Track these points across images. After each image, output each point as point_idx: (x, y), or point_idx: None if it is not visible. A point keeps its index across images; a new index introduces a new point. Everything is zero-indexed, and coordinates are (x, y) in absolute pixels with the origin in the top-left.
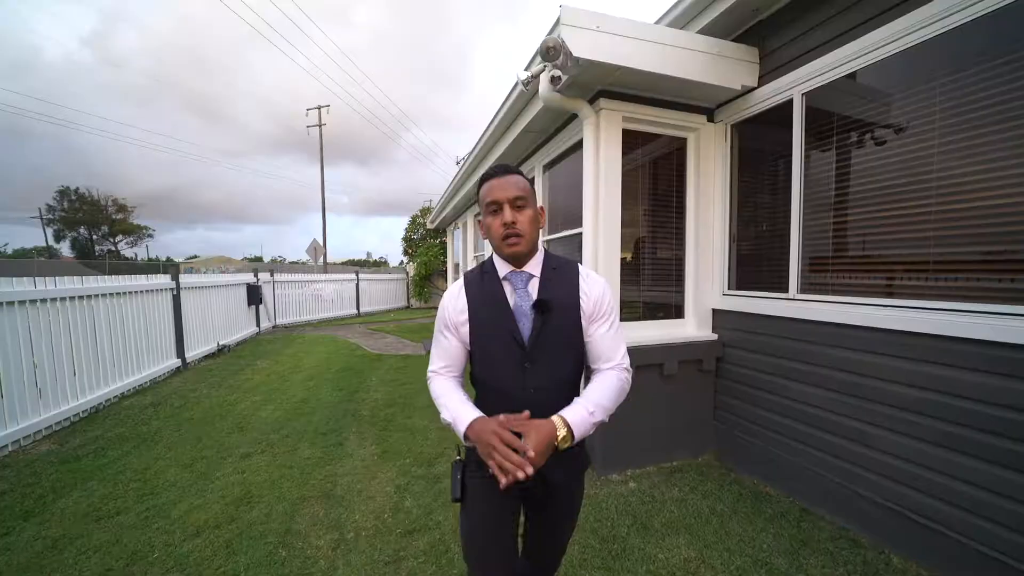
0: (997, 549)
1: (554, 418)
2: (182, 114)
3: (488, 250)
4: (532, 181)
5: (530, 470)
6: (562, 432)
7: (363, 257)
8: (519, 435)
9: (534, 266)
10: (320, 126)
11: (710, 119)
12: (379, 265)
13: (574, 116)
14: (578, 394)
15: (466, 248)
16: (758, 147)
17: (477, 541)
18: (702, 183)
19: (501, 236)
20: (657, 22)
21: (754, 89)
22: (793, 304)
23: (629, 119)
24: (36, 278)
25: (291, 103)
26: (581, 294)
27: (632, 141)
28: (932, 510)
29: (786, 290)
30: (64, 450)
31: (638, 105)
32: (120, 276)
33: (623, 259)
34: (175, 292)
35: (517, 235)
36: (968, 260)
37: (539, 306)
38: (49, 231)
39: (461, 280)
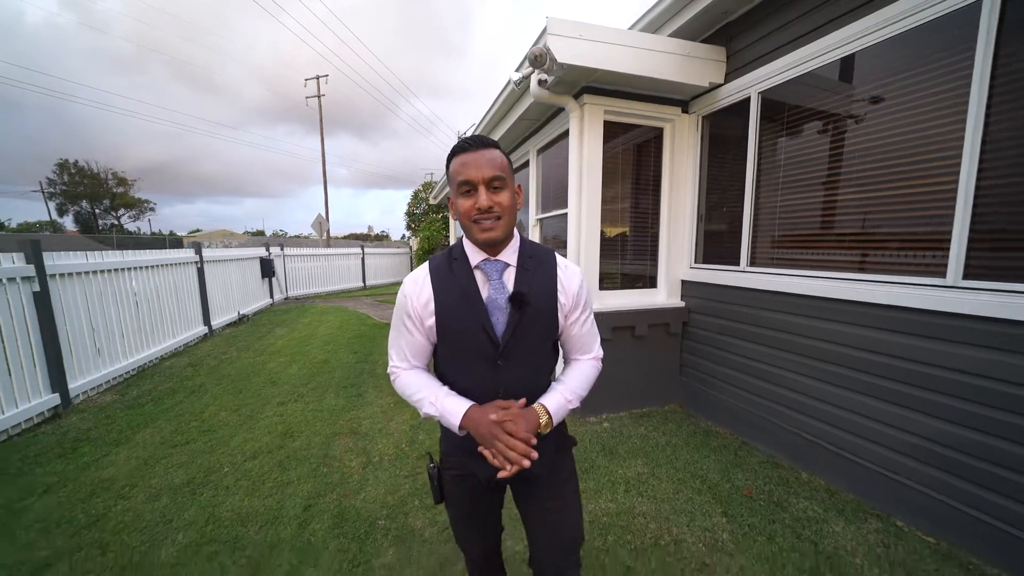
0: (883, 467)
1: (536, 406)
2: (173, 84)
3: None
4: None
5: (535, 456)
6: (544, 419)
7: (364, 231)
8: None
9: (510, 254)
10: (319, 96)
11: (685, 111)
12: (381, 239)
13: (562, 108)
14: (549, 383)
15: None
16: (724, 137)
17: (460, 530)
18: (676, 168)
19: (474, 220)
20: (633, 26)
21: (721, 85)
22: (743, 275)
23: (611, 112)
24: (87, 252)
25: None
26: (559, 285)
27: (614, 131)
28: (838, 439)
29: (738, 263)
30: (126, 399)
31: (619, 99)
32: (153, 251)
33: (606, 236)
34: (199, 265)
35: (494, 218)
36: (874, 239)
37: (516, 299)
38: (51, 205)
39: (426, 267)
